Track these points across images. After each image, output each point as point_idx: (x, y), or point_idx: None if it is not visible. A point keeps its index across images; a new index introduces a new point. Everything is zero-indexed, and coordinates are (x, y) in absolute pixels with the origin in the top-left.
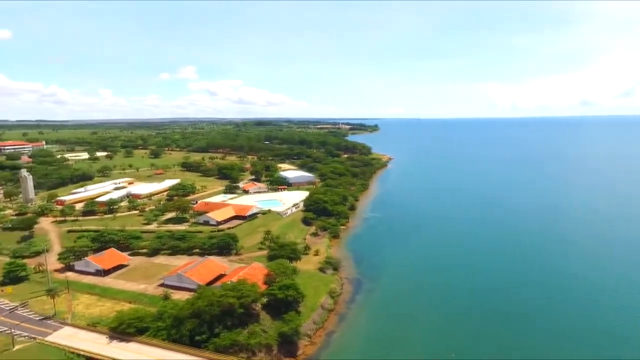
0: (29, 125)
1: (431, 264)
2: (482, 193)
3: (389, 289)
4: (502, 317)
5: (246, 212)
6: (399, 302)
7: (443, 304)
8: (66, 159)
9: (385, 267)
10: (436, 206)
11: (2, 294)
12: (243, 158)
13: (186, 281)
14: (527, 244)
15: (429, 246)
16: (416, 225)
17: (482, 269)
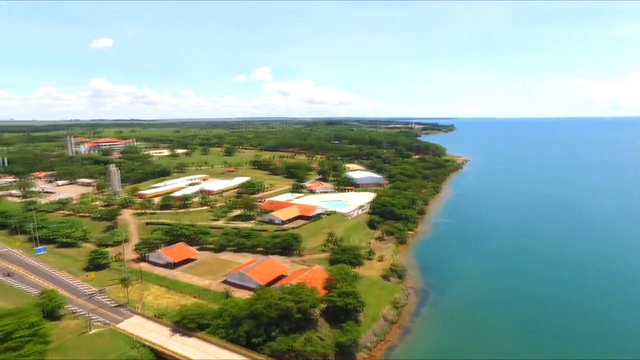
0: (123, 124)
1: (507, 278)
2: (569, 203)
3: (458, 303)
4: (587, 341)
5: (311, 213)
6: (468, 318)
7: (518, 324)
8: (150, 155)
9: (455, 279)
10: (515, 214)
11: (87, 279)
12: (311, 157)
13: (247, 280)
14: (617, 259)
15: (505, 258)
16: (492, 234)
17: (565, 286)
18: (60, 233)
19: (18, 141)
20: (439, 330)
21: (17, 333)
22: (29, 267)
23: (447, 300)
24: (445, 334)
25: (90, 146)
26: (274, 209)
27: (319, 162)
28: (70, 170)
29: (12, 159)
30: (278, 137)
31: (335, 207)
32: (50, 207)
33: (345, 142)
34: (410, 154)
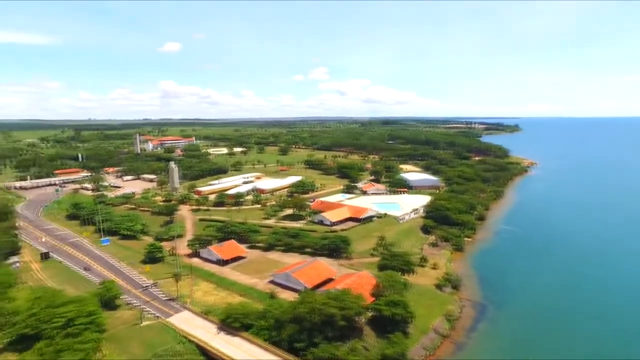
0: (187, 123)
1: (578, 296)
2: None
3: (520, 322)
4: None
5: (361, 215)
6: (531, 340)
7: (590, 355)
8: (208, 153)
9: (518, 294)
10: (590, 225)
11: (143, 271)
12: (365, 157)
13: (293, 281)
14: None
15: (578, 276)
16: (562, 247)
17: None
18: (123, 226)
19: (95, 139)
20: (496, 350)
21: (77, 320)
22: (95, 257)
23: (508, 318)
24: (504, 355)
25: (155, 144)
26: (324, 210)
27: (372, 162)
28: (136, 167)
29: (88, 155)
30: (332, 137)
31: (388, 210)
32: (116, 201)
33: (400, 142)
34: (469, 155)
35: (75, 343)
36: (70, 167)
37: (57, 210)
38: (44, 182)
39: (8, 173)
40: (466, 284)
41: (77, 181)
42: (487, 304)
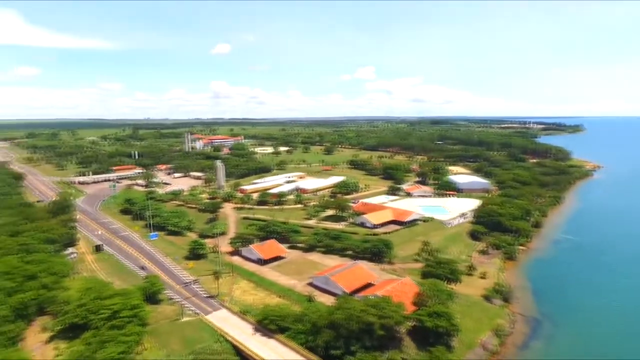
0: (236, 123)
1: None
2: None
3: (580, 341)
4: None
5: (405, 218)
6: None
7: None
8: (254, 152)
9: (578, 310)
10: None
11: (186, 267)
12: (411, 158)
13: (332, 285)
14: None
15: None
16: (630, 260)
17: None
18: (170, 222)
19: (150, 137)
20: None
21: (122, 313)
22: (143, 251)
23: (566, 336)
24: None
25: (204, 143)
26: (367, 212)
27: (419, 163)
28: (185, 164)
29: (142, 153)
30: (379, 137)
31: (434, 213)
32: (165, 197)
33: (449, 143)
34: (525, 157)
35: (119, 335)
36: (126, 164)
37: (113, 205)
38: (102, 178)
39: (72, 169)
40: (519, 297)
41: (131, 177)
42: (542, 320)
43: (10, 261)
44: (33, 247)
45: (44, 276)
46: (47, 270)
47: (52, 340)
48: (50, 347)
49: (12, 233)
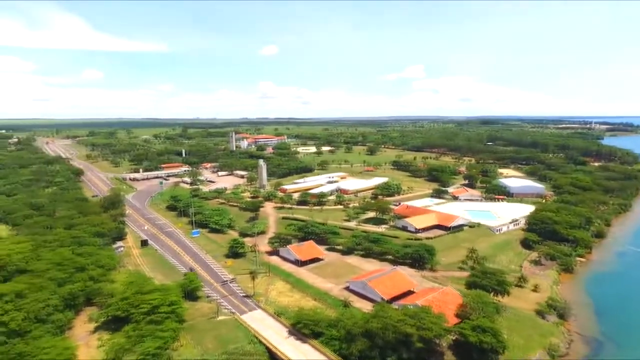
0: (281, 122)
1: None
2: None
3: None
4: None
5: (450, 222)
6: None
7: None
8: (297, 152)
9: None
10: None
11: (225, 265)
12: (458, 160)
13: (369, 291)
14: None
15: None
16: None
17: None
18: (212, 220)
19: (198, 136)
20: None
21: (161, 308)
22: (185, 247)
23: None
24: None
25: (249, 142)
26: (409, 215)
27: (466, 165)
28: (229, 163)
29: (190, 151)
30: (424, 137)
31: (481, 219)
32: (209, 195)
33: (500, 144)
34: (586, 160)
35: (157, 330)
36: (174, 161)
37: (160, 201)
38: (152, 175)
39: (125, 165)
40: (577, 314)
41: (179, 175)
42: (603, 341)
43: (63, 253)
44: (84, 240)
45: (92, 268)
46: (95, 263)
47: (96, 330)
48: (94, 337)
49: (67, 226)
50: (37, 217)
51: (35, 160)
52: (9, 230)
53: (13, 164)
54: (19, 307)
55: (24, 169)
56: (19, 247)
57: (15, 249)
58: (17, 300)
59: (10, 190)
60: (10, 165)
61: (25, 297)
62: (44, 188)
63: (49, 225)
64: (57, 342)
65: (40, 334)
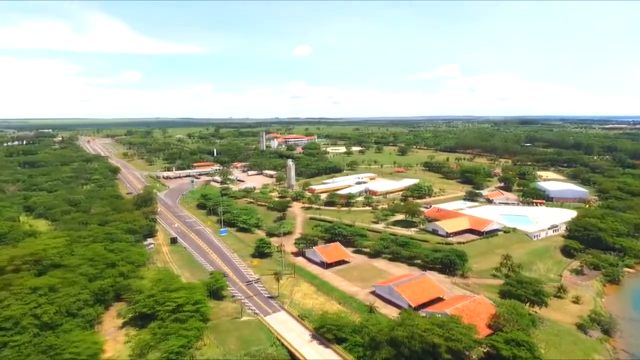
0: (312, 122)
1: None
2: None
3: None
4: None
5: (484, 227)
6: None
7: None
8: (326, 152)
9: None
10: None
11: (251, 265)
12: (494, 161)
13: (396, 296)
14: None
15: None
16: None
17: None
18: (240, 219)
19: (230, 135)
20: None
21: (185, 307)
22: (213, 246)
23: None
24: None
25: (279, 141)
26: (440, 218)
27: (502, 167)
28: (259, 162)
29: (221, 150)
30: (458, 137)
31: (517, 224)
32: (238, 194)
33: (539, 145)
34: (636, 163)
35: (181, 329)
36: (206, 160)
37: (190, 199)
38: (184, 173)
39: (159, 164)
40: (625, 330)
41: (210, 174)
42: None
43: (95, 248)
44: (116, 236)
45: (122, 265)
46: (126, 259)
47: (124, 326)
48: (122, 332)
49: (101, 222)
50: (74, 213)
51: (76, 158)
52: (48, 225)
53: (56, 162)
54: (52, 301)
55: (65, 166)
56: (55, 242)
57: (51, 244)
58: (50, 294)
59: (52, 187)
60: (53, 163)
61: (58, 291)
62: (82, 185)
63: (84, 221)
64: (86, 337)
65: (71, 328)
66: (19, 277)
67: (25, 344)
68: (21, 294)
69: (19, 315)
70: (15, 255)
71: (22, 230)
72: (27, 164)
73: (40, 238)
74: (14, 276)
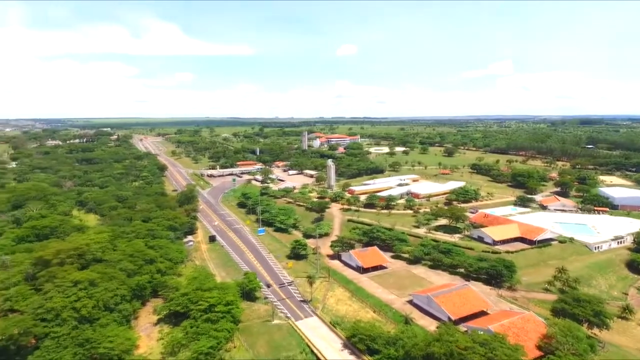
0: (357, 121)
1: None
2: None
3: None
4: None
5: (536, 236)
6: None
7: None
8: (368, 152)
9: None
10: None
11: (286, 266)
12: (550, 164)
13: (435, 307)
14: None
15: None
16: None
17: None
18: (278, 219)
19: (274, 135)
20: None
21: (217, 308)
22: (250, 245)
23: None
24: None
25: (322, 141)
26: (487, 224)
27: (559, 170)
28: (300, 162)
29: (263, 149)
30: (510, 138)
31: (575, 233)
32: (277, 194)
33: (603, 147)
34: None
35: (212, 329)
36: (249, 159)
37: (232, 198)
38: (227, 172)
39: (204, 162)
40: None
41: (252, 173)
42: None
43: (136, 244)
44: (157, 233)
45: (161, 261)
46: (165, 256)
47: (158, 322)
48: (156, 329)
49: (145, 218)
50: (120, 209)
51: (129, 155)
52: (97, 219)
53: (109, 159)
54: (91, 295)
55: (117, 163)
56: (99, 237)
57: (95, 239)
58: (90, 288)
59: (103, 183)
60: (107, 160)
61: (97, 285)
62: (132, 181)
63: (129, 217)
64: (121, 332)
65: (107, 322)
66: (63, 270)
67: (64, 335)
68: (63, 286)
69: (59, 308)
70: (60, 249)
71: (71, 225)
72: (85, 160)
73: (86, 233)
74: (58, 269)
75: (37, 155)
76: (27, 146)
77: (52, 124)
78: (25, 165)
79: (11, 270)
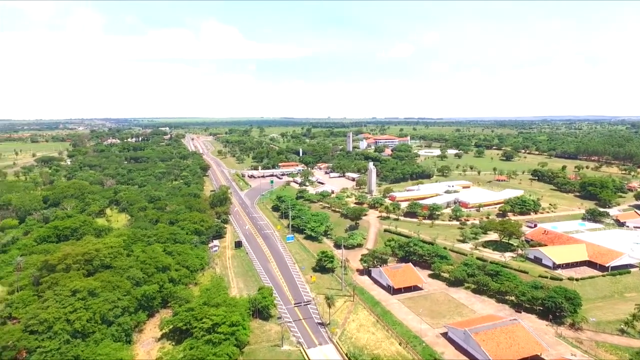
0: (410, 122)
1: None
2: None
3: None
4: None
5: (609, 260)
6: None
7: None
8: (417, 155)
9: None
10: None
11: (308, 280)
12: (629, 172)
13: (473, 346)
14: None
15: None
16: None
17: None
18: (308, 225)
19: (321, 135)
20: None
21: (220, 328)
22: (276, 253)
23: None
24: None
25: (369, 142)
26: (547, 243)
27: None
28: (342, 164)
29: (307, 150)
30: (580, 141)
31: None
32: (314, 198)
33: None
34: None
35: (211, 353)
36: (291, 160)
37: (268, 200)
38: (268, 173)
39: (248, 162)
40: None
41: (292, 174)
42: None
43: (154, 249)
44: (180, 237)
45: (176, 269)
46: (182, 263)
47: (162, 338)
48: (157, 345)
49: (172, 221)
50: (149, 210)
51: (175, 154)
52: (127, 219)
53: (156, 158)
54: (88, 306)
55: (162, 162)
56: (113, 241)
57: (109, 243)
58: (89, 298)
59: (143, 182)
60: (153, 159)
61: (97, 295)
62: (172, 180)
63: (156, 218)
64: (114, 350)
65: (102, 338)
66: (67, 277)
67: (53, 351)
68: (61, 295)
69: (52, 320)
70: (68, 254)
71: (94, 226)
72: (133, 159)
73: (103, 236)
74: (62, 275)
75: (92, 153)
76: (86, 144)
77: (120, 123)
78: (77, 162)
79: (21, 274)
